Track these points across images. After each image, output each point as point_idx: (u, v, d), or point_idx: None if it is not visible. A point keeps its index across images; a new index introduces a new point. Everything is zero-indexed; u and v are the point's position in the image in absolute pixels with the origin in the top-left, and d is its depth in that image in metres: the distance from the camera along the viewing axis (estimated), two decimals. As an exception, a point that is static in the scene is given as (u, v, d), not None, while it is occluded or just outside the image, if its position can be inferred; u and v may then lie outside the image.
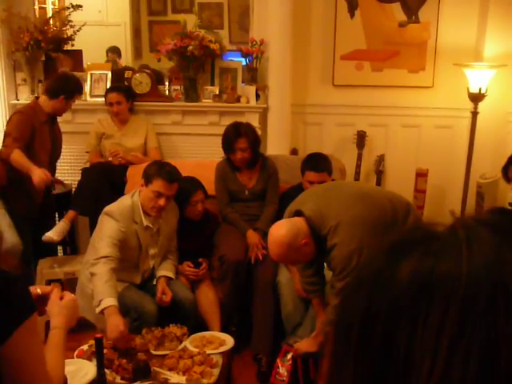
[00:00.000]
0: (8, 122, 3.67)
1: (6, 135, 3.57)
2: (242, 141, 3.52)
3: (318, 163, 3.40)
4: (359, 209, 2.57)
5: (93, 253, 3.00)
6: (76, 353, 2.58)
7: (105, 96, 4.14)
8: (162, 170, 3.05)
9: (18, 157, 3.43)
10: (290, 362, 2.83)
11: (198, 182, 3.45)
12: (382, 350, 0.48)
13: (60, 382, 1.55)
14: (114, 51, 6.42)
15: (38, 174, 3.35)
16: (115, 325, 2.62)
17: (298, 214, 2.58)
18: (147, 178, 3.04)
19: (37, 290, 1.62)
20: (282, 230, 2.52)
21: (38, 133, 3.62)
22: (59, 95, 3.63)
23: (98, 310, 2.72)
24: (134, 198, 3.09)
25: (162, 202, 3.01)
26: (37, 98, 3.80)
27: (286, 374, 2.82)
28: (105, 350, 2.41)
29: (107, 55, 6.34)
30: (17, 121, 3.58)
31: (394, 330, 0.48)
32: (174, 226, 3.30)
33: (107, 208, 3.06)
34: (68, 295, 1.71)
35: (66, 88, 3.68)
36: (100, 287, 2.77)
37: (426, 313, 0.47)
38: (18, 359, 1.28)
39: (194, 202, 3.38)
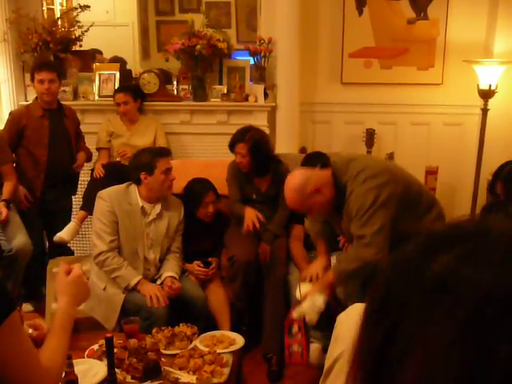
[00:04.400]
0: None
1: None
2: (241, 146, 3.47)
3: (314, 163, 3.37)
4: (387, 169, 2.67)
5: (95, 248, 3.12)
6: (86, 352, 2.58)
7: (113, 96, 4.14)
8: (153, 152, 3.19)
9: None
10: (300, 334, 2.81)
11: (209, 183, 3.45)
12: (387, 334, 0.49)
13: (59, 368, 1.50)
14: (117, 61, 6.37)
15: None
16: (151, 291, 2.97)
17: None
18: (148, 167, 3.09)
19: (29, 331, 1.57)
20: (294, 176, 2.71)
21: (29, 129, 3.71)
22: (31, 78, 3.78)
23: (131, 286, 3.03)
24: (129, 185, 3.17)
25: (172, 175, 3.17)
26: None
27: (300, 349, 2.80)
28: (115, 350, 2.41)
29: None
30: (5, 124, 3.77)
31: (402, 319, 0.48)
32: (178, 220, 3.28)
33: (99, 192, 3.16)
34: (75, 270, 1.64)
35: (32, 70, 3.80)
36: (122, 275, 3.04)
37: (433, 310, 0.46)
38: (3, 359, 1.26)
39: (205, 204, 3.38)
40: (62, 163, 3.87)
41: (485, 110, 4.14)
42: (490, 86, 4.02)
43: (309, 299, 2.63)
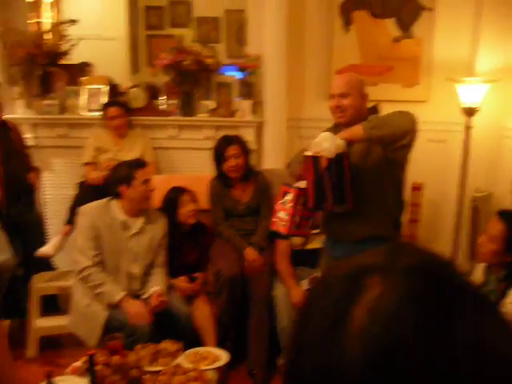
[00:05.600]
0: None
1: None
2: (233, 147, 3.56)
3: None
4: None
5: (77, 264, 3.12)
6: (69, 369, 2.57)
7: (103, 110, 4.14)
8: (130, 164, 3.22)
9: None
10: (291, 205, 2.60)
11: (181, 187, 3.53)
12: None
13: None
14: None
15: None
16: (134, 308, 2.99)
17: None
18: (126, 179, 3.12)
19: None
20: None
21: None
22: None
23: (114, 302, 3.01)
24: (110, 200, 3.18)
25: (151, 185, 3.20)
26: None
27: (286, 217, 2.61)
28: (98, 367, 2.40)
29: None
30: None
31: None
32: (161, 234, 3.29)
33: (80, 208, 3.20)
34: None
35: None
36: (105, 291, 3.03)
37: None
38: None
39: (183, 203, 3.43)
40: (20, 176, 3.85)
41: (468, 128, 4.19)
42: (473, 104, 4.07)
43: (329, 139, 2.43)
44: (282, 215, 2.63)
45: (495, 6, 4.23)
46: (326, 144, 2.40)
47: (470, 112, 4.12)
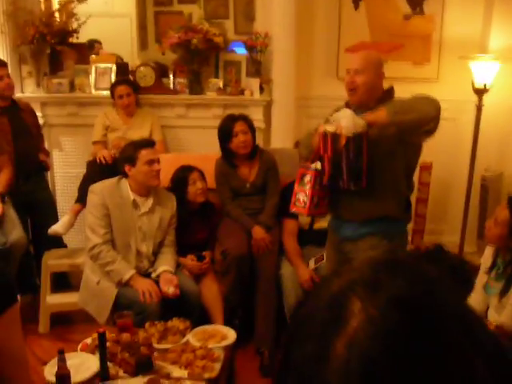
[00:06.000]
0: None
1: None
2: (240, 123, 3.57)
3: None
4: None
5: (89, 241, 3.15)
6: (80, 346, 2.61)
7: (111, 89, 4.15)
8: (136, 144, 3.23)
9: None
10: (309, 186, 2.62)
11: (190, 166, 3.54)
12: None
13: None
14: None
15: None
16: (144, 286, 3.02)
17: None
18: (130, 159, 3.14)
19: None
20: None
21: None
22: None
23: (124, 280, 3.06)
24: (120, 179, 3.20)
25: (156, 166, 3.17)
26: None
27: (305, 199, 2.64)
28: (108, 344, 2.45)
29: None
30: None
31: None
32: (170, 214, 3.31)
33: (91, 186, 3.20)
34: None
35: None
36: (115, 269, 3.07)
37: None
38: (1, 347, 1.29)
39: (192, 181, 3.44)
40: (30, 155, 3.88)
41: (479, 107, 4.16)
42: (485, 83, 4.03)
43: (349, 116, 2.41)
44: (301, 197, 2.65)
45: (508, -17, 4.16)
46: (344, 121, 2.38)
47: (481, 91, 4.08)
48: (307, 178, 2.64)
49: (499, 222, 2.42)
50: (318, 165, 2.60)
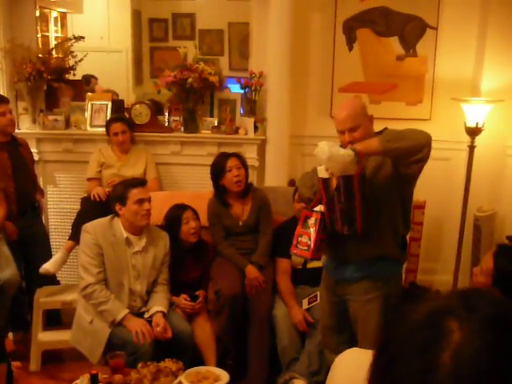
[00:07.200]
0: None
1: None
2: (233, 159, 3.60)
3: None
4: None
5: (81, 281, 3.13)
6: (71, 388, 2.58)
7: (106, 126, 4.18)
8: (126, 183, 3.24)
9: None
10: (315, 229, 2.58)
11: (183, 204, 3.55)
12: None
13: None
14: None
15: None
16: (137, 326, 3.00)
17: None
18: (121, 199, 3.15)
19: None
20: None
21: None
22: None
23: (117, 320, 3.04)
24: (113, 217, 3.21)
25: (146, 205, 3.16)
26: None
27: (309, 242, 2.61)
28: (99, 387, 2.41)
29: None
30: None
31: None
32: (163, 252, 3.30)
33: (84, 225, 3.19)
34: None
35: None
36: (108, 309, 3.05)
37: None
38: None
39: (185, 220, 3.45)
40: (28, 191, 3.90)
41: (472, 147, 4.20)
42: (477, 123, 4.08)
43: (325, 146, 2.37)
44: (305, 239, 2.63)
45: (499, 26, 4.24)
46: (324, 156, 2.36)
47: (473, 132, 4.13)
48: (311, 221, 2.62)
49: (484, 271, 2.42)
50: (322, 207, 2.60)
